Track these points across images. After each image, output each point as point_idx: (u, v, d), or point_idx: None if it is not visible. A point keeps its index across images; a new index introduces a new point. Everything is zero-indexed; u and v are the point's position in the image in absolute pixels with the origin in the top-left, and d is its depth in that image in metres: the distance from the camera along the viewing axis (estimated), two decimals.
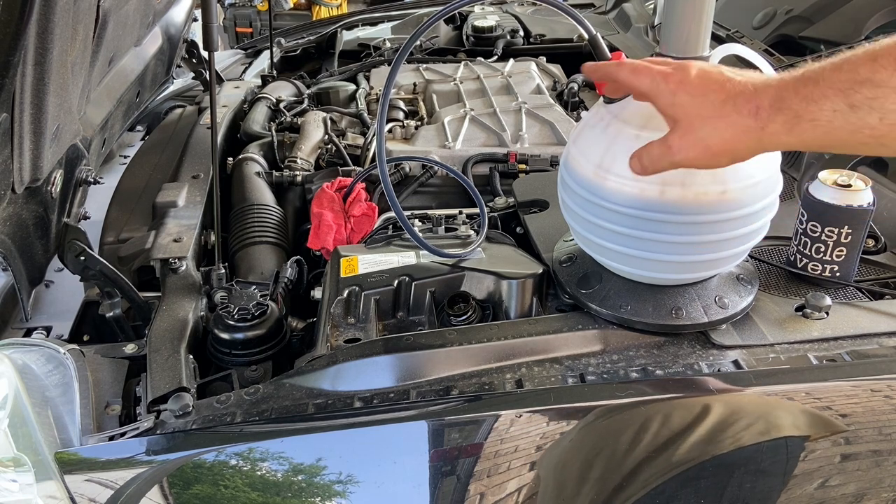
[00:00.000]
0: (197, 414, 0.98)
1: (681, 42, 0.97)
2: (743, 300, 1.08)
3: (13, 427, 0.97)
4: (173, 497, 0.93)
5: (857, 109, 0.72)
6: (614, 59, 1.00)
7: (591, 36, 1.02)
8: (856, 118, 0.72)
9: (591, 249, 1.10)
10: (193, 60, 2.39)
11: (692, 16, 0.96)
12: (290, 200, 1.81)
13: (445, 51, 2.64)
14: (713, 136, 0.81)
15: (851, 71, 0.72)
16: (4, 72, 1.03)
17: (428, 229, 1.38)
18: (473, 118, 1.86)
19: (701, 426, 0.95)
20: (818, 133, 0.75)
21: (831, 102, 0.73)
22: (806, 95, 0.75)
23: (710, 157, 0.83)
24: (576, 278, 1.14)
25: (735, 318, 1.07)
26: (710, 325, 1.05)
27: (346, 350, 1.05)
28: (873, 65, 0.71)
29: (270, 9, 3.24)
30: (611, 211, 1.00)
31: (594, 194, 1.02)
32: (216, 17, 1.43)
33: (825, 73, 0.74)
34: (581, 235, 1.10)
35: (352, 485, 0.93)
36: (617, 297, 1.08)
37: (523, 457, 0.94)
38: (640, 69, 0.88)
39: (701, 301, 1.06)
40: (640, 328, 1.05)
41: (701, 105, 0.81)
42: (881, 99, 0.71)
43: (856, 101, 0.72)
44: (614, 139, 0.99)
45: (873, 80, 0.71)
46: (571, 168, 1.06)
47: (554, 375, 0.99)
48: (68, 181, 1.46)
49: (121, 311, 1.33)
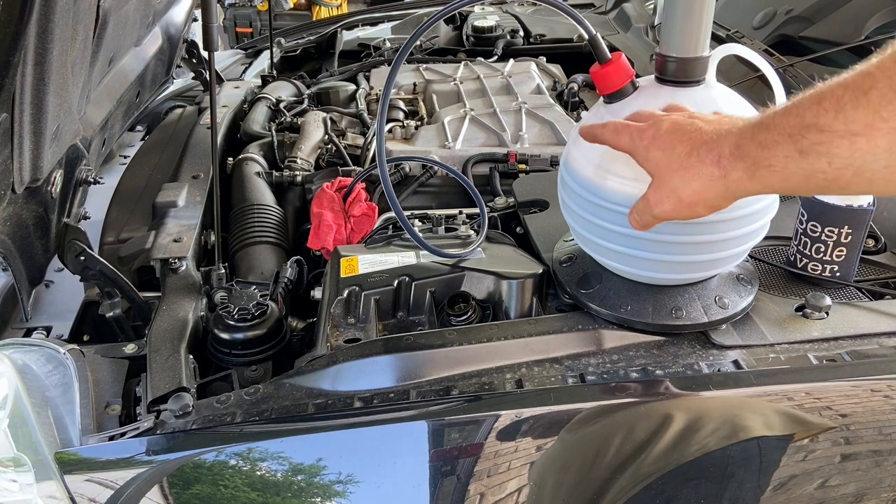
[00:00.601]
0: (197, 414, 0.98)
1: (681, 42, 0.97)
2: (743, 300, 1.08)
3: (13, 427, 0.97)
4: (173, 497, 0.93)
5: (806, 155, 0.70)
6: (614, 59, 1.01)
7: (591, 36, 1.02)
8: (807, 164, 0.71)
9: (591, 249, 1.10)
10: (193, 60, 2.39)
11: (692, 16, 0.96)
12: (290, 200, 1.81)
13: (445, 51, 2.64)
14: (683, 188, 0.83)
15: (798, 115, 0.71)
16: (4, 72, 1.03)
17: (428, 229, 1.38)
18: (473, 118, 1.86)
19: (699, 426, 0.95)
20: (777, 178, 0.74)
21: (783, 148, 0.72)
22: (761, 142, 0.75)
23: (684, 207, 0.84)
24: (576, 278, 1.13)
25: (735, 318, 1.06)
26: (710, 326, 1.05)
27: (346, 350, 1.05)
28: (818, 108, 0.69)
29: (270, 9, 3.24)
30: (611, 211, 1.00)
31: (594, 194, 1.02)
32: (216, 17, 1.43)
33: (777, 118, 0.73)
34: (581, 235, 1.10)
35: (352, 485, 0.93)
36: (617, 297, 1.08)
37: (523, 457, 0.94)
38: (620, 129, 0.91)
39: (701, 301, 1.06)
40: (639, 328, 1.05)
41: (670, 158, 0.84)
42: (826, 144, 0.69)
43: (804, 147, 0.70)
44: None
45: (818, 124, 0.69)
46: (571, 168, 1.06)
47: (554, 375, 0.99)
48: (68, 181, 1.46)
49: (121, 311, 1.33)
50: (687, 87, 0.98)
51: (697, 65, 0.98)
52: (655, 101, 0.97)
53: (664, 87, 0.99)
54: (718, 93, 1.00)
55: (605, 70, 1.01)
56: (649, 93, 1.00)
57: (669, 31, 0.98)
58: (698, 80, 0.99)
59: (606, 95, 1.02)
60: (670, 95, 0.98)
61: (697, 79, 0.98)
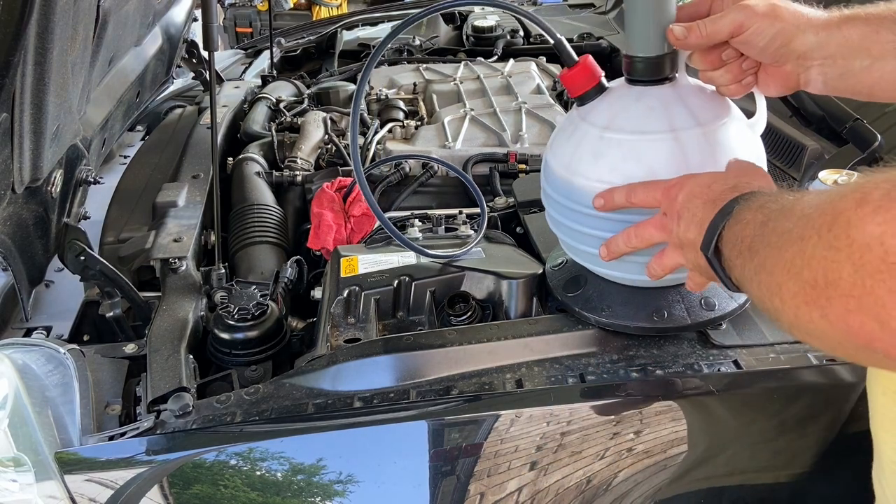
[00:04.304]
0: (197, 414, 0.98)
1: (645, 41, 0.94)
2: (734, 301, 1.05)
3: (13, 427, 0.97)
4: (173, 497, 0.93)
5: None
6: (581, 62, 1.00)
7: (556, 41, 1.02)
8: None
9: (571, 252, 1.09)
10: (193, 60, 2.39)
11: (654, 13, 0.92)
12: (290, 200, 1.81)
13: (445, 51, 2.64)
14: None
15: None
16: (4, 72, 1.03)
17: (428, 229, 1.38)
18: (473, 118, 1.86)
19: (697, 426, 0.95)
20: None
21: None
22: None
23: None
24: (563, 282, 1.13)
25: (723, 319, 1.04)
26: (693, 328, 1.03)
27: (346, 350, 1.05)
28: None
29: (270, 9, 3.25)
30: (583, 214, 0.98)
31: (566, 197, 1.00)
32: (216, 17, 1.44)
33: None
34: (562, 240, 1.09)
35: (352, 485, 0.93)
36: (599, 300, 1.06)
37: (523, 457, 0.94)
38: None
39: (685, 302, 1.04)
40: (620, 331, 1.04)
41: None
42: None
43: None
44: (581, 141, 0.99)
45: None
46: (546, 172, 1.06)
47: (554, 375, 0.99)
48: (68, 181, 1.46)
49: (121, 311, 1.33)
50: (656, 86, 0.96)
51: (664, 62, 0.95)
52: (624, 101, 0.97)
53: (634, 86, 0.98)
54: (687, 90, 0.97)
55: (572, 73, 1.00)
56: (619, 93, 0.99)
57: (632, 30, 0.95)
58: (668, 78, 0.97)
59: (577, 98, 1.01)
60: (639, 94, 0.96)
61: (666, 76, 0.96)
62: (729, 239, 0.72)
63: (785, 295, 0.59)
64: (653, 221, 0.88)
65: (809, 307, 0.56)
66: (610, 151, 0.95)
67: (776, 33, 0.85)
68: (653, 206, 0.88)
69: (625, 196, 0.91)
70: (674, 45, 0.92)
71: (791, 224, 0.60)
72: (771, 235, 0.63)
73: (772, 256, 0.62)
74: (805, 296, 0.56)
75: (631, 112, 0.96)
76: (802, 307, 0.57)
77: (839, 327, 0.54)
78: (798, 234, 0.58)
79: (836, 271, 0.53)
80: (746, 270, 0.68)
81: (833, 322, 0.55)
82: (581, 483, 0.95)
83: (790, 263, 0.58)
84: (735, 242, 0.71)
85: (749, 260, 0.67)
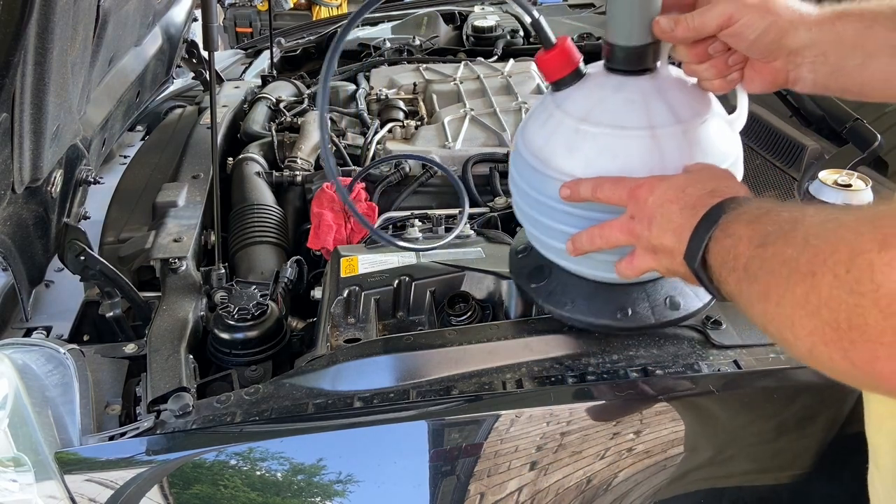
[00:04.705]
0: (197, 414, 0.98)
1: (629, 29, 0.89)
2: (700, 300, 1.01)
3: (13, 427, 0.97)
4: (173, 497, 0.93)
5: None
6: (559, 44, 0.92)
7: (534, 20, 0.93)
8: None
9: (538, 244, 1.03)
10: (193, 60, 2.39)
11: (636, 2, 0.87)
12: (290, 200, 1.81)
13: (445, 51, 2.64)
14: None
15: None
16: (4, 72, 1.03)
17: (428, 229, 1.38)
18: (473, 118, 1.86)
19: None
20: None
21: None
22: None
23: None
24: (527, 270, 1.07)
25: (687, 319, 1.01)
26: (657, 327, 1.00)
27: (346, 350, 1.05)
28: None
29: (270, 9, 3.25)
30: (552, 208, 0.94)
31: (536, 189, 0.95)
32: (216, 17, 1.44)
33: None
34: (528, 231, 1.03)
35: (352, 485, 0.93)
36: (563, 294, 1.02)
37: (523, 457, 0.94)
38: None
39: (650, 301, 1.00)
40: (583, 327, 1.02)
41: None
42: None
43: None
44: (555, 131, 0.93)
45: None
46: (516, 160, 1.00)
47: (554, 375, 0.99)
48: (68, 181, 1.46)
49: (121, 311, 1.33)
50: (637, 77, 0.91)
51: (647, 53, 0.90)
52: (602, 91, 0.92)
53: (612, 75, 0.92)
54: (668, 83, 0.93)
55: (549, 55, 0.93)
56: (598, 81, 0.93)
57: (614, 16, 0.90)
58: (648, 69, 0.91)
59: (553, 83, 0.95)
60: (619, 85, 0.91)
61: (647, 67, 0.91)
62: (717, 252, 0.70)
63: (799, 331, 0.56)
64: (618, 223, 0.85)
65: (829, 347, 0.54)
66: (585, 145, 0.90)
67: (767, 26, 0.82)
68: (617, 204, 0.85)
69: (591, 189, 0.86)
70: (659, 37, 0.88)
71: (794, 252, 0.58)
72: (772, 262, 0.60)
73: (778, 287, 0.59)
74: (823, 336, 0.54)
75: (609, 104, 0.90)
76: (820, 346, 0.55)
77: (864, 370, 0.52)
78: (807, 267, 0.55)
79: (860, 316, 0.51)
80: (745, 294, 0.65)
81: (858, 365, 0.52)
82: (581, 483, 0.95)
83: (803, 300, 0.55)
84: (726, 258, 0.68)
85: (748, 283, 0.64)
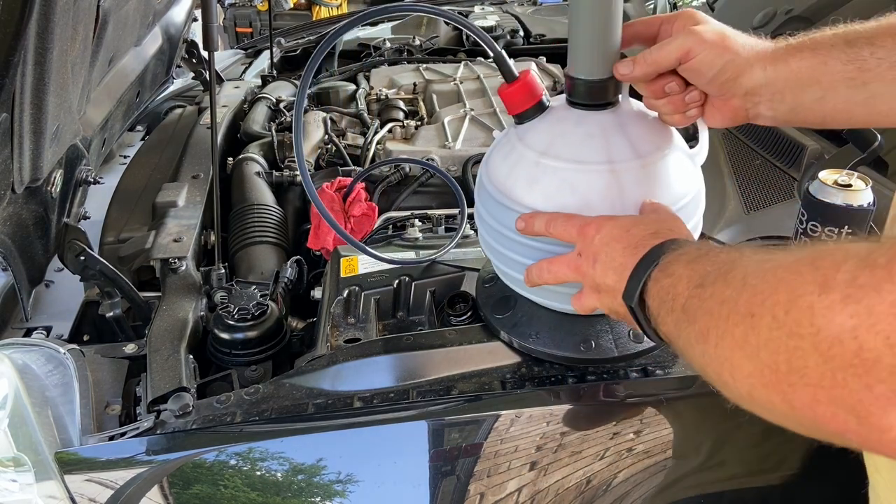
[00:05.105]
0: (197, 414, 0.98)
1: (589, 63, 0.89)
2: None
3: (13, 427, 0.97)
4: (173, 497, 0.93)
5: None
6: (521, 77, 0.94)
7: (497, 54, 0.95)
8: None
9: (502, 275, 1.03)
10: (193, 60, 2.39)
11: (599, 34, 0.86)
12: (290, 200, 1.81)
13: (445, 51, 2.65)
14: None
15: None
16: (4, 72, 1.03)
17: (428, 229, 1.38)
18: (473, 118, 1.86)
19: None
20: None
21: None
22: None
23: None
24: (493, 300, 1.08)
25: (649, 353, 1.00)
26: (620, 360, 0.99)
27: (346, 350, 1.05)
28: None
29: (270, 9, 3.24)
30: (512, 240, 0.94)
31: (498, 221, 0.95)
32: (216, 17, 1.44)
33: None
34: (493, 263, 1.03)
35: (352, 485, 0.93)
36: (527, 325, 1.02)
37: (523, 457, 0.94)
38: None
39: (613, 333, 0.99)
40: (546, 359, 1.00)
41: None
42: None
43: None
44: (517, 163, 0.93)
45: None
46: (480, 191, 1.00)
47: (554, 375, 0.99)
48: (68, 181, 1.46)
49: (121, 311, 1.33)
50: (597, 111, 0.91)
51: (607, 87, 0.90)
52: (563, 125, 0.92)
53: (574, 109, 0.92)
54: (629, 116, 0.92)
55: (511, 89, 0.94)
56: (559, 115, 0.93)
57: (575, 50, 0.89)
58: (609, 103, 0.91)
59: (515, 116, 0.95)
60: (579, 119, 0.91)
61: (608, 101, 0.91)
62: (656, 292, 0.69)
63: (738, 374, 0.55)
64: (566, 259, 0.85)
65: (768, 390, 0.52)
66: (545, 179, 0.90)
67: (724, 65, 0.82)
68: (567, 240, 0.85)
69: (545, 224, 0.87)
70: (620, 80, 0.88)
71: (733, 292, 0.56)
72: (710, 302, 0.59)
73: (717, 328, 0.57)
74: (763, 378, 0.52)
75: (569, 138, 0.90)
76: (759, 388, 0.53)
77: (805, 414, 0.50)
78: (746, 308, 0.54)
79: (800, 359, 0.49)
80: (684, 335, 0.64)
81: (798, 409, 0.50)
82: (581, 483, 0.95)
83: (741, 341, 0.54)
84: (664, 298, 0.67)
85: (686, 324, 0.63)
